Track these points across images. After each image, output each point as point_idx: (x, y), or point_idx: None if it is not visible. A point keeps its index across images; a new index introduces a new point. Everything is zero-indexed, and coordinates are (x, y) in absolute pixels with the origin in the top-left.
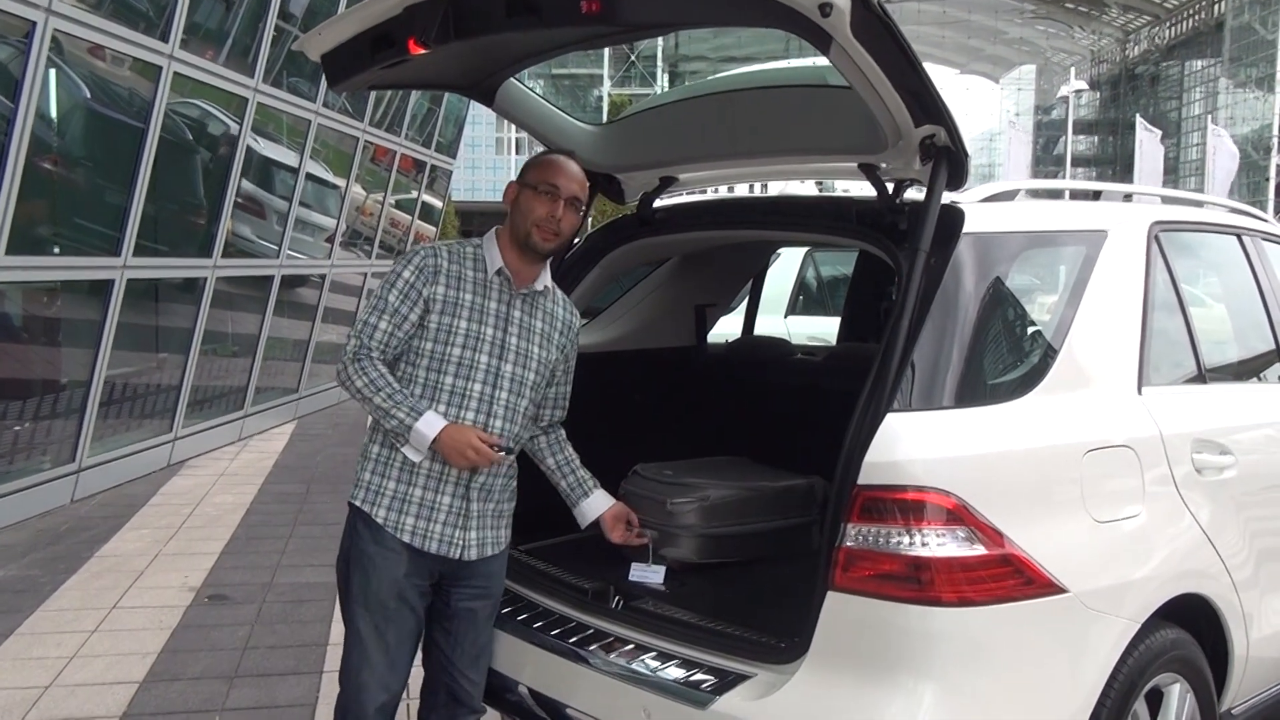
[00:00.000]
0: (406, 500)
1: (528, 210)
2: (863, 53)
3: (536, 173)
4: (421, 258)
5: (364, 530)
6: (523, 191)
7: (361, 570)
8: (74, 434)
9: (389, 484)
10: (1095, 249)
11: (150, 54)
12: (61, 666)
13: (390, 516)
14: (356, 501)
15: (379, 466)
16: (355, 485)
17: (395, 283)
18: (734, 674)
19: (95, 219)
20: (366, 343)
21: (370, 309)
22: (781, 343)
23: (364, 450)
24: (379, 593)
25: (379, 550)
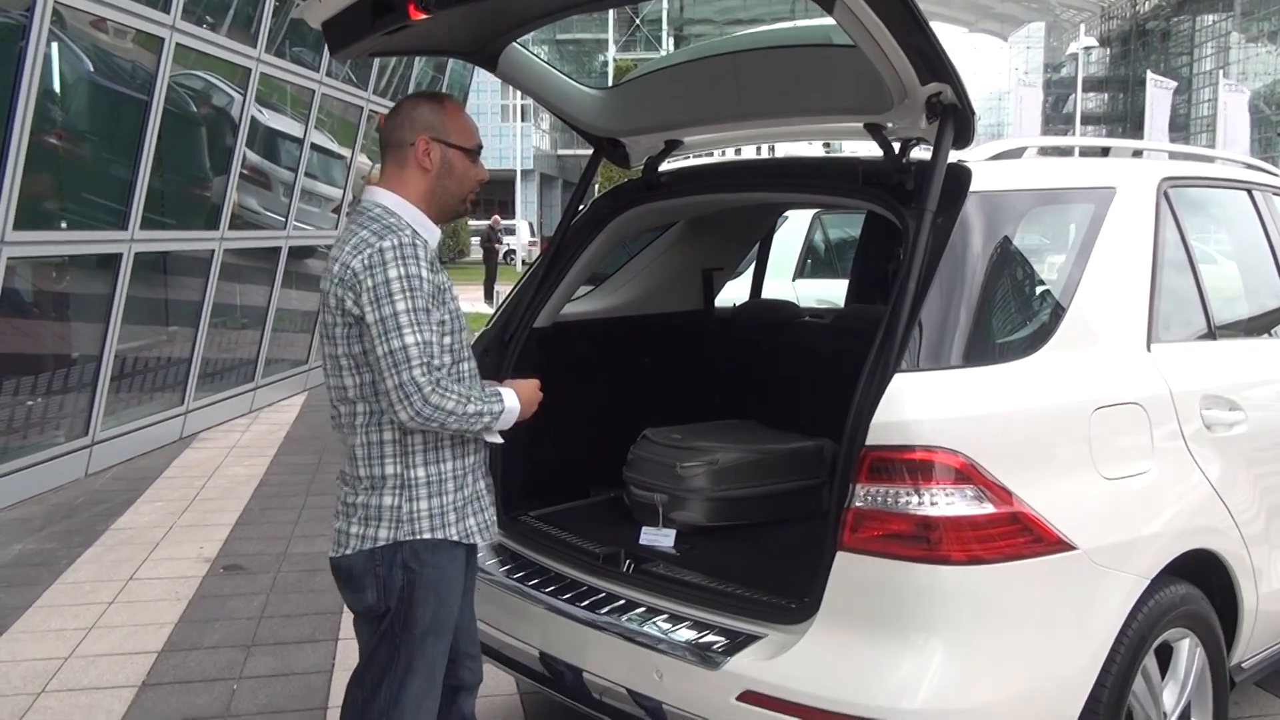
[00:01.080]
0: (467, 503)
1: (463, 176)
2: (868, 11)
3: (464, 133)
4: (420, 249)
5: (433, 558)
6: (453, 153)
7: (435, 598)
8: (86, 408)
9: (448, 498)
10: (1104, 206)
11: (152, 25)
12: (80, 638)
13: (461, 528)
14: (423, 535)
15: (433, 486)
16: (394, 523)
17: (420, 286)
18: (745, 635)
19: (101, 193)
20: (437, 365)
21: (414, 326)
22: (789, 305)
23: (394, 481)
24: (453, 612)
25: (453, 571)
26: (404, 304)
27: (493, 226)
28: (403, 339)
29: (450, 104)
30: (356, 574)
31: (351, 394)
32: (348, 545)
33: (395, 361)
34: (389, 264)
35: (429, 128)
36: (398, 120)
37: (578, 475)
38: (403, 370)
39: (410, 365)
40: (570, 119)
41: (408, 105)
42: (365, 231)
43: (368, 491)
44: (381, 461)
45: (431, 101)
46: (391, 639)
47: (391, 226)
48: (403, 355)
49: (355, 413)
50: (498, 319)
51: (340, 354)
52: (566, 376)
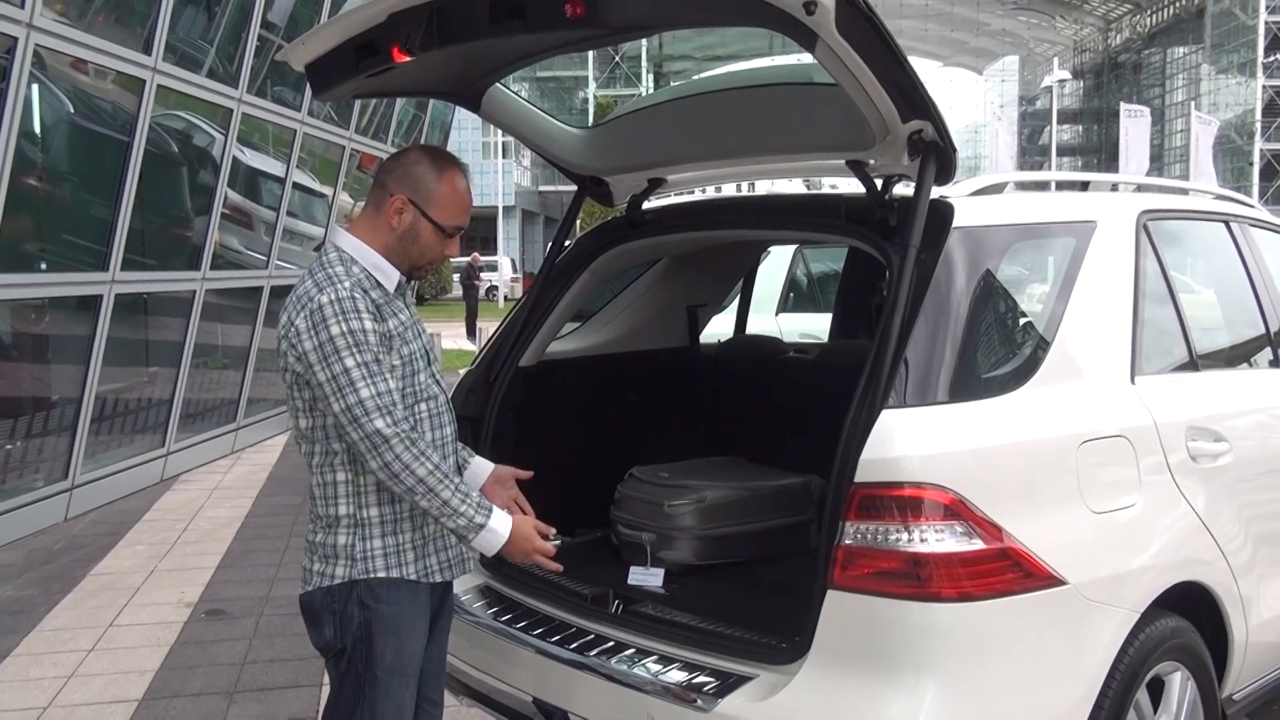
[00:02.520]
0: (427, 542)
1: (428, 248)
2: (849, 50)
3: (445, 209)
4: (360, 300)
5: (389, 595)
6: (424, 224)
7: (394, 635)
8: (66, 451)
9: (405, 537)
10: (1085, 240)
11: (134, 67)
12: (59, 687)
13: (420, 567)
14: (376, 574)
15: (388, 526)
16: (349, 561)
17: (366, 339)
18: (736, 676)
19: (82, 234)
20: (397, 414)
21: (367, 379)
22: (774, 341)
23: (347, 521)
24: (415, 652)
25: (412, 609)
26: (352, 359)
27: (472, 264)
28: (357, 394)
29: (450, 173)
30: (316, 610)
31: (307, 434)
32: (310, 582)
33: (354, 417)
34: (329, 321)
35: (413, 189)
36: (394, 164)
37: (564, 514)
38: (364, 424)
39: (370, 418)
40: (553, 158)
41: (411, 156)
42: (309, 282)
43: (325, 530)
44: (335, 501)
45: (433, 164)
46: (355, 678)
47: (334, 277)
48: (360, 410)
49: (312, 452)
50: (483, 358)
51: (294, 396)
52: (552, 415)
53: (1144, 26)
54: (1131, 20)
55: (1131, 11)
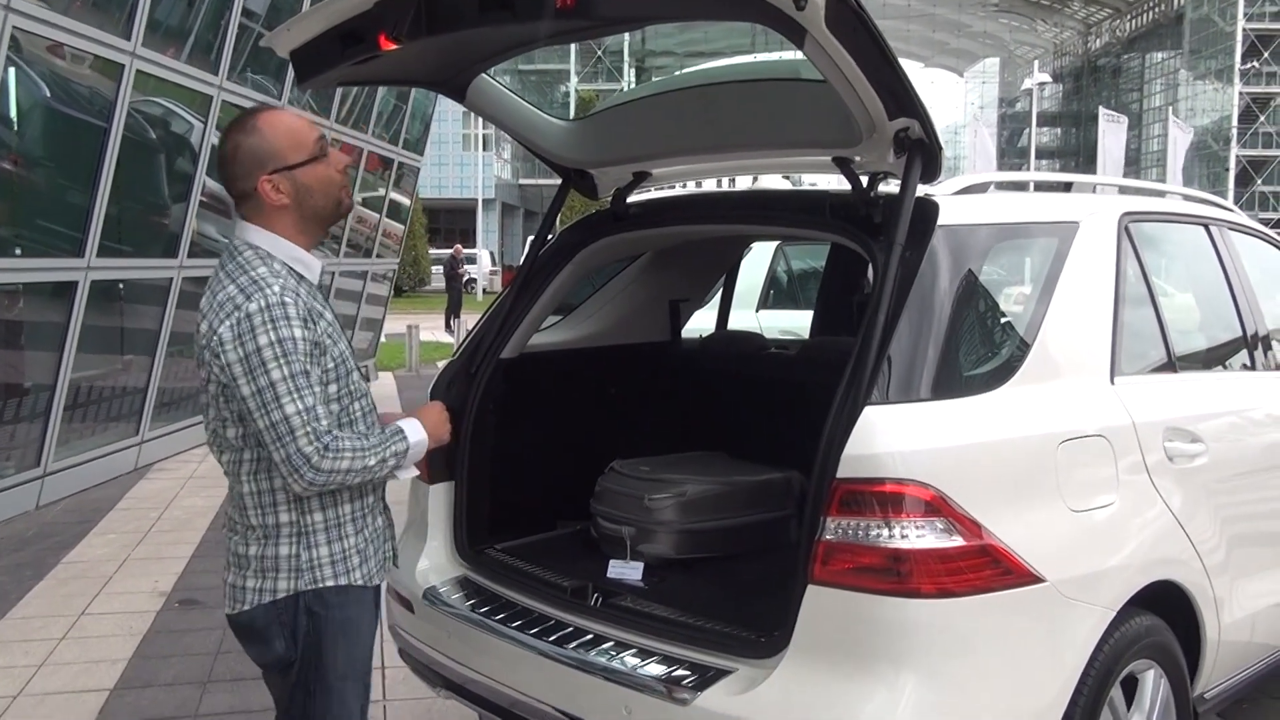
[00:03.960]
0: (368, 545)
1: (328, 184)
2: (837, 46)
3: (297, 145)
4: (291, 305)
5: (338, 601)
6: (300, 174)
7: (345, 641)
8: (39, 438)
9: (349, 542)
10: (1067, 241)
11: (113, 51)
12: (30, 675)
13: (365, 570)
14: (325, 583)
15: (332, 532)
16: (294, 572)
17: (295, 349)
18: (715, 669)
19: (58, 220)
20: (322, 428)
21: (294, 394)
22: (755, 337)
23: (289, 529)
24: (366, 656)
25: (360, 612)
26: (279, 372)
27: (455, 256)
28: (282, 410)
29: (264, 119)
30: (260, 627)
31: (236, 442)
32: (244, 600)
33: (278, 435)
34: (258, 331)
35: (261, 164)
36: (230, 173)
37: (545, 507)
38: (287, 444)
39: (294, 437)
40: (538, 150)
41: (229, 151)
42: (232, 287)
43: (261, 542)
44: (275, 509)
45: (247, 133)
46: (306, 688)
47: (259, 281)
48: (285, 428)
49: (241, 460)
50: (464, 350)
51: (220, 407)
52: (534, 407)
53: (1123, 31)
54: (1111, 25)
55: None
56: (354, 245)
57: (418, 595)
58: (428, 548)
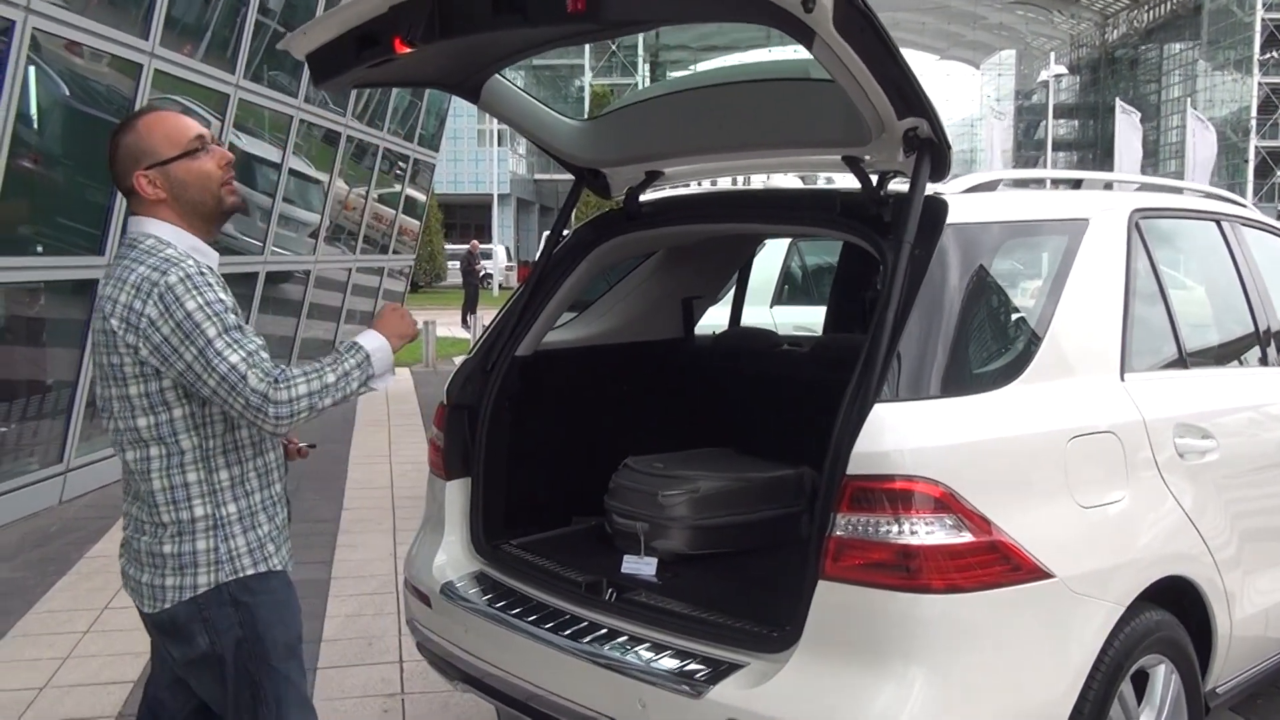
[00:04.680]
0: (279, 532)
1: (203, 180)
2: (846, 47)
3: (169, 142)
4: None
5: (263, 585)
6: (172, 169)
7: (280, 620)
8: (61, 435)
9: (262, 530)
10: (1077, 238)
11: (131, 51)
12: (55, 668)
13: (280, 556)
14: (245, 572)
15: (246, 521)
16: (213, 565)
17: (223, 308)
18: (727, 663)
19: (78, 218)
20: (268, 366)
21: (233, 345)
22: (768, 334)
23: (204, 523)
24: (298, 632)
25: (288, 594)
26: (213, 329)
27: (471, 251)
28: (227, 361)
29: (146, 120)
30: (181, 624)
31: (146, 435)
32: (164, 598)
33: (231, 385)
34: (183, 299)
35: (136, 161)
36: (114, 170)
37: (559, 503)
38: (241, 389)
39: (245, 380)
40: (551, 149)
41: (112, 149)
42: (143, 268)
43: (176, 539)
44: (189, 504)
45: (127, 131)
46: (248, 678)
47: (171, 259)
48: (235, 375)
49: (150, 456)
50: (480, 347)
51: (133, 394)
52: (548, 404)
53: (1141, 22)
54: (1128, 15)
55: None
56: (370, 241)
57: (435, 590)
58: (445, 543)
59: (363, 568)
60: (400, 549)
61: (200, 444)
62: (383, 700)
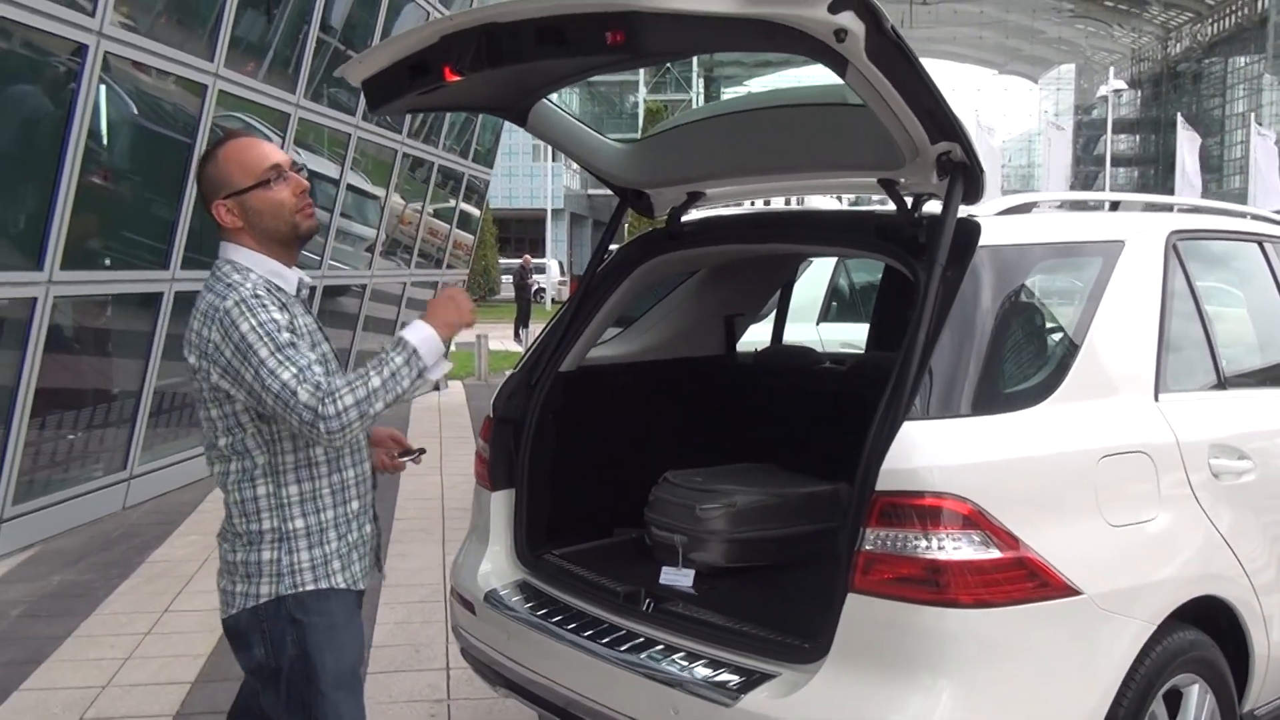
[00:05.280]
0: (350, 550)
1: (278, 207)
2: (878, 75)
3: (245, 172)
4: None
5: (320, 606)
6: (248, 199)
7: (334, 645)
8: (125, 443)
9: (330, 547)
10: (1112, 259)
11: (196, 73)
12: (117, 667)
13: (346, 576)
14: (305, 587)
15: (313, 537)
16: (275, 577)
17: (275, 327)
18: (759, 673)
19: (144, 233)
20: (317, 380)
21: (284, 363)
22: (808, 352)
23: (271, 536)
24: (355, 661)
25: (344, 618)
26: (265, 349)
27: (524, 266)
28: (279, 379)
29: (225, 149)
30: (243, 631)
31: (226, 451)
32: (232, 604)
33: (285, 402)
34: (238, 322)
35: (215, 191)
36: (200, 199)
37: (602, 515)
38: (295, 406)
39: (296, 396)
40: (597, 171)
41: (198, 178)
42: (211, 295)
43: (245, 548)
44: (258, 517)
45: (209, 162)
46: (299, 698)
47: (233, 284)
48: (287, 393)
49: (229, 471)
50: (525, 362)
51: (214, 415)
52: (592, 418)
53: (1204, 35)
54: (1191, 29)
55: (1192, 20)
56: (425, 255)
57: (479, 598)
58: (489, 552)
59: (413, 576)
60: (449, 559)
61: (270, 460)
62: (429, 705)
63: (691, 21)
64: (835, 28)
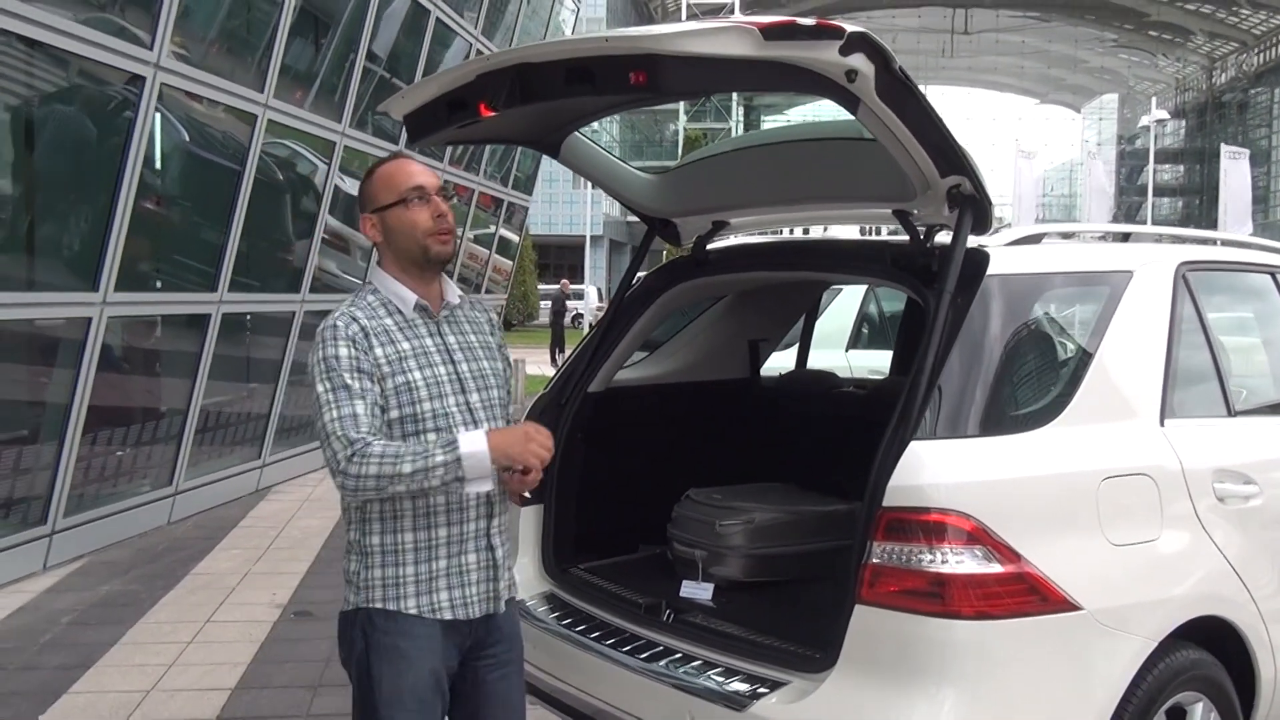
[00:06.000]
0: (433, 578)
1: (410, 227)
2: (888, 112)
3: (389, 189)
4: (343, 328)
5: (386, 626)
6: (387, 215)
7: (393, 666)
8: (171, 459)
9: (406, 570)
10: (1120, 288)
11: (247, 103)
12: (161, 674)
13: (422, 602)
14: (374, 604)
15: (389, 557)
16: (356, 587)
17: (338, 365)
18: (771, 681)
19: (194, 257)
20: (354, 435)
21: (332, 404)
22: (830, 376)
23: (356, 547)
24: (416, 687)
25: (411, 643)
26: (322, 387)
27: (562, 291)
28: (323, 418)
29: (382, 168)
30: (339, 632)
31: None
32: (344, 604)
33: (324, 438)
34: (314, 351)
35: (365, 205)
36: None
37: (627, 531)
38: (325, 448)
39: (329, 442)
40: (626, 201)
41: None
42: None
43: (345, 555)
44: (350, 527)
45: (366, 178)
46: (361, 706)
47: (344, 304)
48: (324, 434)
49: None
50: (555, 383)
51: None
52: (618, 438)
53: (1250, 65)
54: (1237, 59)
55: (1237, 50)
56: (464, 280)
57: None
58: (518, 565)
59: None
60: None
61: None
62: None
63: (709, 63)
64: (846, 69)
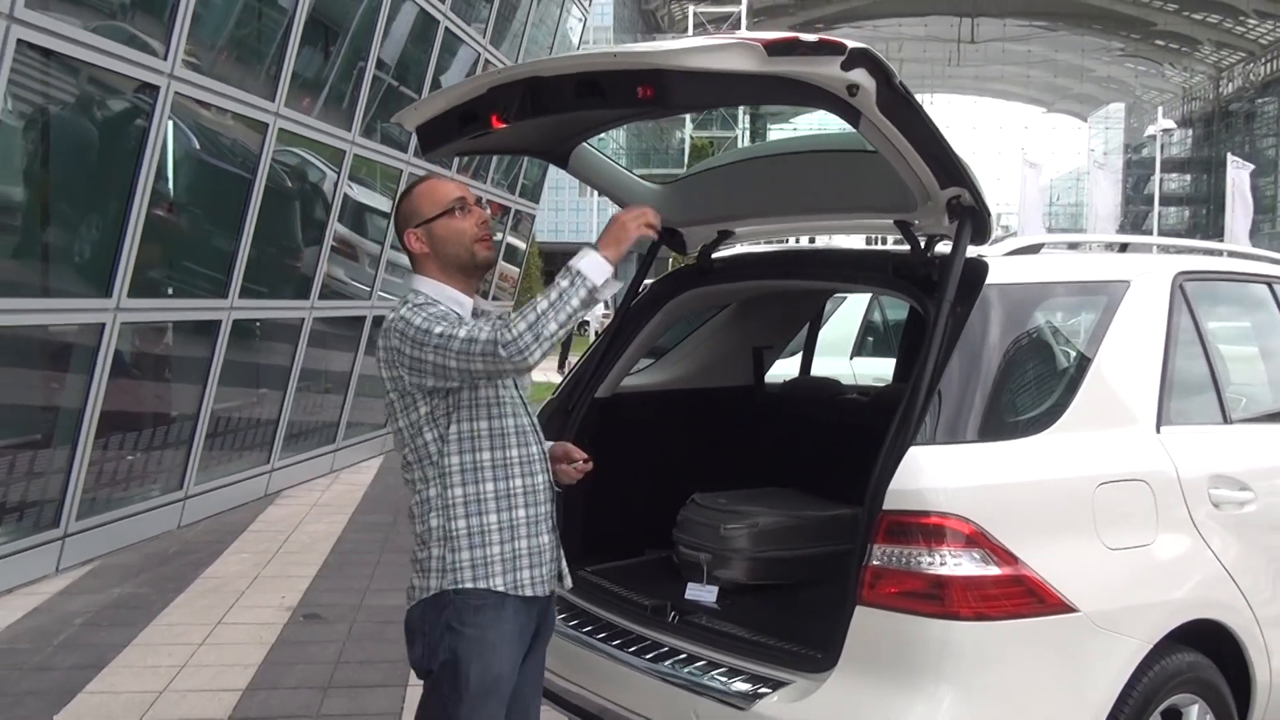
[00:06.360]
0: (516, 556)
1: (459, 234)
2: (889, 125)
3: (433, 203)
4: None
5: (475, 619)
6: (434, 226)
7: (480, 658)
8: (182, 464)
9: (493, 549)
10: (1117, 297)
11: (259, 112)
12: (173, 675)
13: (509, 579)
14: (464, 584)
15: (475, 538)
16: (441, 572)
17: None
18: (774, 680)
19: (205, 263)
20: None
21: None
22: (833, 383)
23: (438, 533)
24: (504, 672)
25: (499, 632)
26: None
27: None
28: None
29: (418, 186)
30: (411, 628)
31: (409, 458)
32: (413, 598)
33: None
34: (411, 319)
35: (407, 221)
36: (397, 233)
37: (633, 535)
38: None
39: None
40: None
41: (395, 215)
42: (392, 314)
43: (420, 545)
44: (427, 516)
45: (404, 198)
46: (441, 700)
47: (406, 300)
48: (467, 344)
49: (412, 478)
50: (562, 389)
51: (401, 426)
52: (625, 443)
53: (1257, 75)
54: (1244, 68)
55: (1244, 59)
56: None
57: None
58: None
59: None
60: None
61: (441, 466)
62: None
63: (714, 78)
64: (848, 83)
